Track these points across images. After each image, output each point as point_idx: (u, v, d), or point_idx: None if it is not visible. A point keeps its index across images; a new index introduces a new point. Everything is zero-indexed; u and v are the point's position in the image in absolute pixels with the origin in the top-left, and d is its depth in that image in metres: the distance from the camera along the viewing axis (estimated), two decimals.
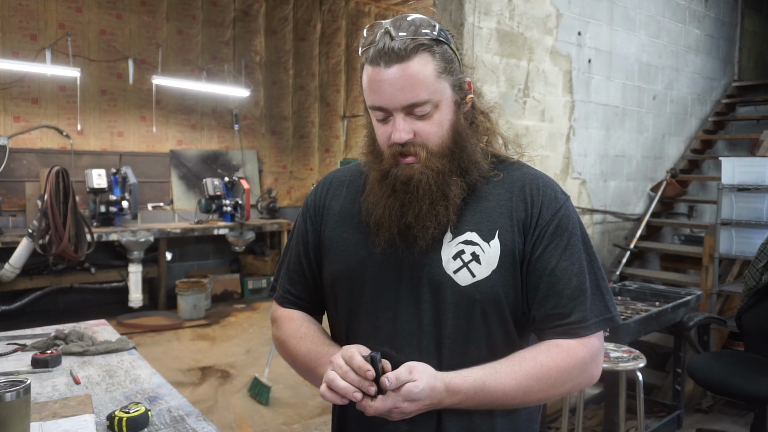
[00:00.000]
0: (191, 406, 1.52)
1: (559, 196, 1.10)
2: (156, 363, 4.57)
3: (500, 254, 1.05)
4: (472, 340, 1.06)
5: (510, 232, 1.06)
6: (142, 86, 6.56)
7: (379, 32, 1.02)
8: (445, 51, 1.03)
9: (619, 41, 4.81)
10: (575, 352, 1.03)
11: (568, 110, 4.43)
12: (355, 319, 1.12)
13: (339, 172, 1.27)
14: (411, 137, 1.03)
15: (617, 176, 4.97)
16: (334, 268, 1.15)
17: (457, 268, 1.05)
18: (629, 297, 3.43)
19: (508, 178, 1.11)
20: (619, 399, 2.65)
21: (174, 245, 6.67)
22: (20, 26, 5.86)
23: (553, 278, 1.05)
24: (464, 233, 1.06)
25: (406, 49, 0.99)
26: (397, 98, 1.00)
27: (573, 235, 1.07)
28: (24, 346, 1.96)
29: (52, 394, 1.57)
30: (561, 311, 1.04)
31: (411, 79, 0.99)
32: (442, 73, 1.02)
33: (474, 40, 3.75)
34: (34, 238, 5.08)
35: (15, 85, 5.88)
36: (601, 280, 1.08)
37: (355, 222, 1.14)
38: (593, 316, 1.05)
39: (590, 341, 1.05)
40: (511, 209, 1.07)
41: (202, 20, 6.99)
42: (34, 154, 6.00)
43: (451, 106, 1.05)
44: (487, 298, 1.04)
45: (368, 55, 1.02)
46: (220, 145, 7.33)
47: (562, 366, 1.02)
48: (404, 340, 1.06)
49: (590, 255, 1.09)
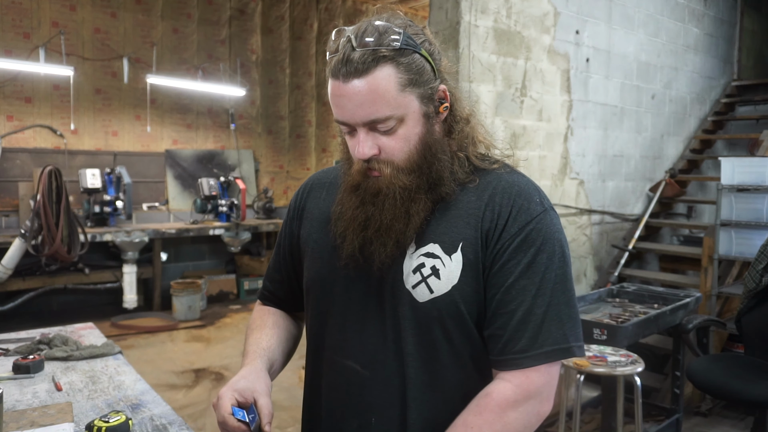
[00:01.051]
0: (175, 414, 1.47)
1: (533, 208, 1.00)
2: (149, 365, 4.53)
3: (462, 268, 0.98)
4: (436, 358, 1.00)
5: (474, 244, 0.98)
6: (137, 85, 6.51)
7: (341, 41, 0.95)
8: (412, 61, 0.94)
9: (618, 40, 4.77)
10: (505, 398, 0.94)
11: (565, 110, 4.39)
12: (325, 329, 1.10)
13: (322, 173, 1.24)
14: (375, 152, 0.97)
15: (615, 176, 4.93)
16: (308, 275, 1.14)
17: (416, 282, 0.99)
18: (627, 299, 3.38)
19: (482, 185, 1.03)
20: (616, 403, 2.60)
21: (169, 246, 6.62)
22: (13, 24, 5.81)
23: (507, 297, 0.96)
24: (427, 245, 1.00)
25: (365, 63, 0.91)
26: (357, 114, 0.94)
27: (541, 251, 0.97)
28: (6, 351, 1.91)
29: (32, 402, 1.52)
30: (508, 335, 0.96)
31: (370, 95, 0.92)
32: (408, 86, 0.94)
33: (471, 38, 3.71)
34: (26, 239, 5.03)
35: (8, 84, 5.82)
36: (567, 305, 0.97)
37: (329, 227, 1.10)
38: (545, 345, 0.94)
39: (529, 380, 0.95)
40: (477, 218, 1.00)
41: (198, 19, 6.93)
42: (28, 154, 5.94)
43: (419, 120, 0.97)
44: (446, 315, 0.98)
45: (330, 65, 0.96)
46: (215, 144, 7.28)
47: (492, 421, 0.93)
48: (370, 356, 1.03)
49: (559, 275, 0.98)
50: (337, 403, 1.07)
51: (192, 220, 6.55)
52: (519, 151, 4.08)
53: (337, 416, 1.07)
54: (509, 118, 3.98)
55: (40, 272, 5.54)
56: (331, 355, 1.08)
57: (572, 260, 4.58)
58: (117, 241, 5.69)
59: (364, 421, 1.04)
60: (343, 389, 1.06)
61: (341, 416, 1.07)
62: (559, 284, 0.97)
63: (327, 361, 1.09)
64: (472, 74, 3.73)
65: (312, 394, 1.15)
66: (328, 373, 1.09)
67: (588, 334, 2.69)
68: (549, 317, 0.95)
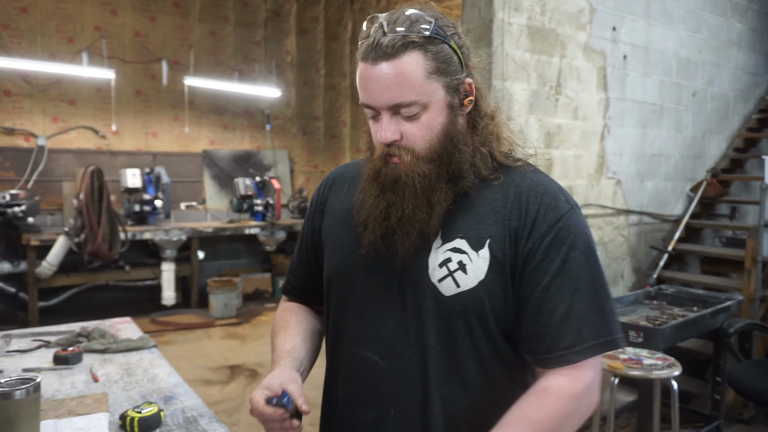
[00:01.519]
0: (205, 407, 1.49)
1: (561, 206, 1.01)
2: (186, 360, 4.63)
3: (489, 265, 0.98)
4: (458, 352, 1.00)
5: (501, 242, 0.99)
6: (175, 87, 6.66)
7: (373, 26, 0.97)
8: (441, 50, 0.96)
9: (656, 36, 4.65)
10: (565, 391, 0.95)
11: (602, 108, 4.31)
12: (343, 320, 1.10)
13: (343, 168, 1.25)
14: (397, 138, 0.98)
15: (654, 176, 4.81)
16: (329, 267, 1.14)
17: (442, 276, 0.99)
18: (665, 302, 3.30)
19: (506, 183, 1.03)
20: (653, 408, 2.54)
21: (206, 244, 6.75)
22: (58, 29, 6.01)
23: (546, 295, 0.97)
24: (453, 240, 1.00)
25: (395, 47, 0.93)
26: (382, 97, 0.95)
27: (573, 248, 0.98)
28: (48, 343, 1.98)
29: (70, 392, 1.57)
30: (552, 332, 0.96)
31: (397, 78, 0.93)
32: (434, 74, 0.95)
33: (504, 36, 3.67)
34: (70, 236, 5.19)
35: (53, 87, 6.02)
36: (604, 298, 0.99)
37: (349, 220, 1.11)
38: (589, 339, 0.95)
39: (582, 373, 0.96)
40: (504, 217, 1.00)
41: (234, 21, 7.05)
42: (71, 154, 6.14)
43: (443, 109, 0.98)
44: (471, 310, 0.98)
45: (361, 49, 0.97)
46: (252, 145, 7.39)
47: (555, 414, 0.93)
48: (388, 347, 1.03)
49: (593, 270, 0.99)
50: (354, 394, 1.08)
51: (228, 219, 6.66)
52: (554, 150, 4.02)
53: (354, 406, 1.08)
54: (543, 116, 3.93)
55: (83, 269, 5.72)
56: (349, 346, 1.08)
57: (609, 262, 4.50)
58: (156, 240, 5.82)
59: (382, 412, 1.04)
60: (360, 380, 1.06)
61: (357, 406, 1.07)
62: (594, 279, 0.99)
63: (345, 352, 1.10)
64: (505, 72, 3.70)
65: (330, 384, 1.16)
66: (345, 364, 1.10)
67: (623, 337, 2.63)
68: (590, 312, 0.96)
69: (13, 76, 5.83)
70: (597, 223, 4.36)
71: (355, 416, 1.08)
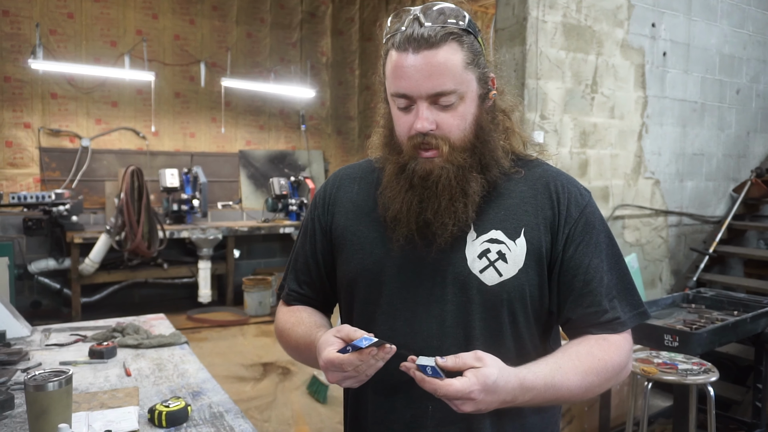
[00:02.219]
0: (232, 403, 1.52)
1: (584, 193, 1.09)
2: (221, 357, 4.72)
3: (526, 252, 1.03)
4: (502, 341, 1.03)
5: (536, 230, 1.04)
6: (212, 89, 6.79)
7: (407, 19, 0.99)
8: (473, 43, 1.00)
9: (698, 32, 4.52)
10: (622, 345, 1.03)
11: (640, 106, 4.21)
12: (372, 320, 1.07)
13: (348, 168, 1.24)
14: (433, 128, 0.98)
15: (695, 176, 4.68)
16: (349, 268, 1.11)
17: (483, 267, 1.02)
18: (704, 305, 3.20)
19: (530, 176, 1.09)
20: (689, 414, 2.47)
21: (242, 243, 6.85)
22: (101, 34, 6.20)
23: (588, 276, 1.03)
24: (489, 231, 1.04)
25: (436, 36, 0.96)
26: (423, 86, 0.96)
27: (600, 232, 1.07)
28: (84, 338, 2.05)
29: (103, 385, 1.62)
30: (597, 309, 1.03)
31: (439, 67, 0.95)
32: (470, 65, 0.99)
33: (538, 34, 3.63)
34: (111, 235, 5.35)
35: (96, 90, 6.22)
36: (629, 275, 1.08)
37: (369, 218, 1.10)
38: (627, 312, 1.05)
39: (628, 335, 1.06)
40: (536, 207, 1.05)
41: (270, 23, 7.15)
42: (113, 155, 6.32)
43: (476, 100, 1.02)
44: (514, 298, 1.02)
45: (395, 40, 0.99)
46: (287, 145, 7.47)
47: (615, 360, 1.01)
48: (423, 342, 1.02)
49: (615, 250, 1.08)
50: (387, 396, 1.05)
51: (263, 219, 6.75)
52: (589, 149, 3.94)
53: (387, 408, 1.05)
54: (578, 115, 3.86)
55: (123, 266, 5.89)
56: None
57: (646, 264, 4.40)
58: (193, 238, 5.95)
59: (420, 410, 1.02)
60: (395, 378, 1.00)
61: (392, 408, 1.05)
62: (619, 257, 1.08)
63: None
64: (539, 71, 3.65)
65: (356, 391, 1.11)
66: None
67: (658, 341, 2.57)
68: (623, 287, 1.06)
69: (60, 79, 6.04)
70: (634, 224, 4.26)
71: (389, 418, 1.05)
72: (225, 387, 1.71)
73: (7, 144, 5.86)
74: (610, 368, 1.00)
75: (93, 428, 1.33)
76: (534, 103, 3.64)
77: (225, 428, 1.37)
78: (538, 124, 3.66)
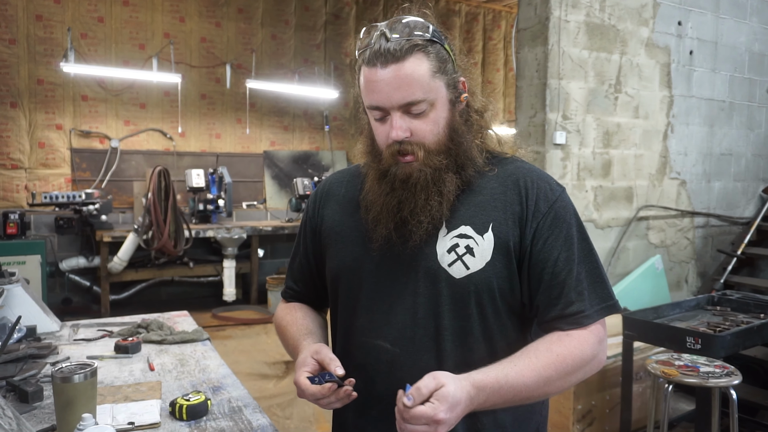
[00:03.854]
0: (250, 398, 1.56)
1: (554, 188, 1.11)
2: (244, 355, 4.79)
3: (494, 246, 1.06)
4: (470, 332, 1.07)
5: (504, 225, 1.07)
6: (237, 90, 6.89)
7: (374, 34, 1.04)
8: (439, 51, 1.05)
9: (726, 30, 4.44)
10: (585, 339, 1.04)
11: (665, 106, 4.15)
12: (353, 313, 1.15)
13: (338, 174, 1.31)
14: (408, 135, 1.04)
15: (722, 176, 4.59)
16: (333, 265, 1.19)
17: (451, 261, 1.06)
18: (729, 307, 3.15)
19: (501, 173, 1.12)
20: (711, 418, 2.44)
21: (266, 242, 6.94)
22: (130, 37, 6.34)
23: (556, 269, 1.06)
24: (459, 227, 1.08)
25: (401, 50, 1.01)
26: (393, 97, 1.02)
27: (570, 225, 1.09)
28: (111, 333, 2.11)
29: (127, 379, 1.67)
30: (563, 301, 1.05)
31: (406, 79, 1.01)
32: (437, 73, 1.03)
33: (560, 34, 3.61)
34: (138, 233, 5.47)
35: (125, 92, 6.36)
36: (600, 268, 1.10)
37: (353, 219, 1.17)
38: (595, 305, 1.06)
39: (596, 327, 1.06)
40: (504, 202, 1.09)
41: (295, 25, 7.22)
42: (141, 155, 6.46)
43: (447, 105, 1.06)
44: (481, 290, 1.05)
45: (365, 56, 1.04)
46: (310, 145, 7.54)
47: (576, 354, 1.02)
48: (398, 333, 1.08)
49: (587, 244, 1.10)
50: (366, 383, 1.10)
51: (287, 219, 6.82)
52: (612, 149, 3.91)
53: (366, 395, 1.10)
54: (601, 115, 3.83)
55: (151, 265, 6.01)
56: (359, 337, 1.12)
57: (671, 265, 4.34)
58: (218, 237, 6.04)
59: (394, 398, 1.05)
60: (372, 368, 1.10)
61: (370, 395, 1.10)
62: (590, 251, 1.10)
63: (355, 344, 1.14)
64: (561, 71, 3.63)
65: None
66: (356, 355, 1.13)
67: (680, 343, 2.54)
68: (592, 280, 1.08)
69: (90, 82, 6.19)
70: (659, 225, 4.20)
71: (369, 405, 1.11)
72: (248, 384, 1.75)
73: (40, 145, 6.03)
74: (570, 363, 1.02)
75: (117, 420, 1.37)
76: (556, 103, 3.62)
77: (243, 422, 1.40)
78: (560, 124, 3.64)
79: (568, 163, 3.70)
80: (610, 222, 3.96)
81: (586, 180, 3.80)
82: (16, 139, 5.89)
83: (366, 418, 1.13)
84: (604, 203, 3.92)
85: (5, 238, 5.10)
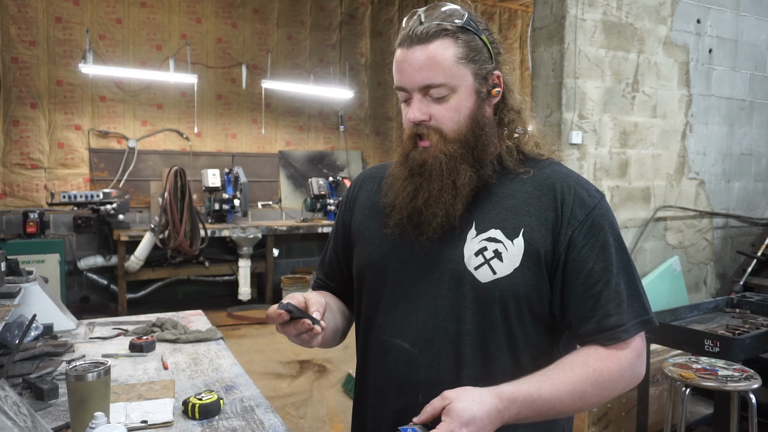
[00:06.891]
0: (263, 398, 1.56)
1: (593, 194, 1.06)
2: (259, 354, 4.81)
3: (524, 253, 1.02)
4: (492, 338, 1.03)
5: (536, 231, 1.03)
6: (253, 90, 6.92)
7: (412, 19, 1.04)
8: (472, 40, 1.03)
9: (747, 28, 4.37)
10: (623, 354, 1.01)
11: (684, 105, 4.09)
12: (375, 310, 1.13)
13: (373, 168, 1.29)
14: (425, 119, 1.03)
15: (743, 176, 4.52)
16: (359, 260, 1.18)
17: (478, 264, 1.03)
18: (749, 310, 3.10)
19: (537, 176, 1.08)
20: (730, 422, 2.40)
21: (281, 242, 6.96)
22: (148, 38, 6.40)
23: (591, 280, 1.01)
24: (489, 230, 1.05)
25: (428, 33, 1.01)
26: (414, 78, 1.02)
27: (608, 234, 1.04)
28: (126, 332, 2.12)
29: (141, 377, 1.68)
30: (599, 314, 1.01)
31: (428, 61, 1.00)
32: (463, 59, 1.01)
33: (576, 32, 3.57)
34: (155, 233, 5.52)
35: (143, 92, 6.42)
36: (638, 281, 1.05)
37: (381, 215, 1.15)
38: (632, 318, 1.02)
39: (634, 342, 1.02)
40: (538, 208, 1.05)
41: (310, 25, 7.24)
42: (158, 155, 6.52)
43: (471, 95, 1.04)
44: (506, 296, 1.02)
45: (399, 39, 1.05)
46: (325, 145, 7.56)
47: (613, 369, 0.99)
48: (417, 334, 1.06)
49: (625, 255, 1.05)
50: (384, 382, 1.10)
51: (302, 218, 6.85)
52: (629, 149, 3.86)
53: (383, 394, 1.10)
54: (618, 114, 3.78)
55: (167, 264, 6.06)
56: (379, 335, 1.11)
57: (690, 267, 4.27)
58: (233, 237, 6.08)
59: (412, 399, 1.05)
60: (390, 367, 1.08)
61: (387, 394, 1.09)
62: (628, 262, 1.05)
63: (375, 342, 1.12)
64: (577, 70, 3.59)
65: (361, 377, 1.19)
66: (376, 353, 1.12)
67: (698, 346, 2.50)
68: (629, 293, 1.03)
69: (108, 83, 6.26)
70: (677, 225, 4.15)
71: (384, 404, 1.10)
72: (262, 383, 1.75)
73: (59, 145, 6.11)
74: (607, 378, 0.99)
75: (130, 418, 1.38)
76: (572, 103, 3.58)
77: (255, 422, 1.41)
78: (577, 124, 3.60)
79: (584, 163, 3.67)
80: (627, 223, 3.91)
81: (602, 180, 3.76)
82: (35, 139, 5.98)
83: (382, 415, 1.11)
84: (621, 204, 3.87)
85: (25, 237, 5.17)
